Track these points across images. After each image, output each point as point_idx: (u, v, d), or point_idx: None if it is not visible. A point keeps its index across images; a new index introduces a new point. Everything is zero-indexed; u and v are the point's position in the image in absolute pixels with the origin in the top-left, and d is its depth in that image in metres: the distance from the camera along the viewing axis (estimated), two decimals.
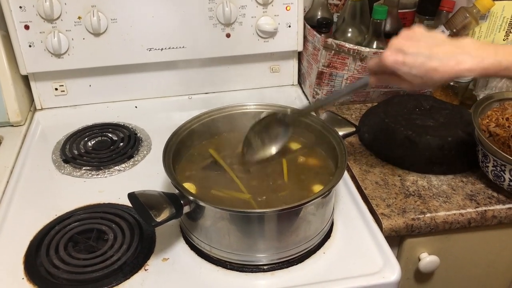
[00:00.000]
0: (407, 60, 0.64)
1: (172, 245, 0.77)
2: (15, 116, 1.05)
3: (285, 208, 0.68)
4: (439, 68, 0.62)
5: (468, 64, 0.62)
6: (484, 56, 0.62)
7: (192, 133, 0.85)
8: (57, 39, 1.01)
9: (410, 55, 0.63)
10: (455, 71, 0.62)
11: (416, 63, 0.63)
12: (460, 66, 0.62)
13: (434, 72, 0.63)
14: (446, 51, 0.63)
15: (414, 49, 0.63)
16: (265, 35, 1.11)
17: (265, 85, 1.21)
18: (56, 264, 0.72)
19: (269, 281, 0.72)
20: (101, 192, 0.88)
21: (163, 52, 1.09)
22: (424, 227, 0.82)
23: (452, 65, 0.62)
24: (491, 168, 0.84)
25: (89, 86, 1.13)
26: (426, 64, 0.63)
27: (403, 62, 0.64)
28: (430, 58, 0.62)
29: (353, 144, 1.00)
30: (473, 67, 0.62)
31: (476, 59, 0.62)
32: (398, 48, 0.64)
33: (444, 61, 0.62)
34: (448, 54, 0.62)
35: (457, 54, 0.62)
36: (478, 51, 0.62)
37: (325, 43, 1.03)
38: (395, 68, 0.65)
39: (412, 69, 0.64)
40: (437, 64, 0.62)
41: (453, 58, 0.62)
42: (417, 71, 0.63)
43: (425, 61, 0.62)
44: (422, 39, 0.64)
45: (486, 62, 0.62)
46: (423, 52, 0.63)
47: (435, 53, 0.62)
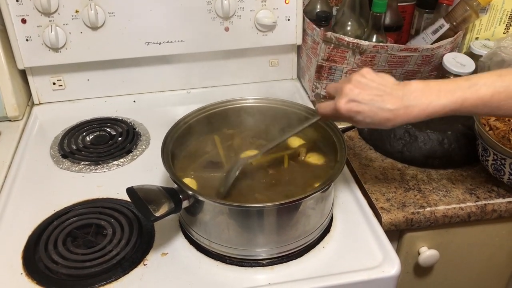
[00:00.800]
0: (362, 110, 0.66)
1: (171, 240, 0.77)
2: (13, 111, 1.04)
3: (285, 203, 0.68)
4: (390, 118, 0.66)
5: (415, 113, 0.65)
6: (429, 102, 0.65)
7: (190, 128, 0.84)
8: (55, 33, 1.01)
9: (363, 105, 0.66)
10: (404, 120, 0.66)
11: (370, 113, 0.66)
12: (409, 114, 0.65)
13: (386, 122, 0.66)
14: (395, 101, 0.65)
15: (367, 99, 0.66)
16: (264, 29, 1.11)
17: (264, 79, 1.21)
18: (55, 259, 0.72)
19: (269, 275, 0.71)
20: (99, 187, 0.88)
21: (161, 46, 1.08)
22: (423, 221, 0.82)
23: (401, 114, 0.65)
24: (491, 162, 0.84)
25: (87, 80, 1.12)
26: (379, 114, 0.66)
27: (357, 111, 0.67)
28: (382, 109, 0.65)
29: (352, 138, 1.00)
30: (419, 115, 0.65)
31: (422, 105, 0.65)
32: (352, 98, 0.67)
33: (395, 111, 0.65)
34: (398, 103, 0.65)
35: (405, 103, 0.65)
36: (423, 98, 0.65)
37: (324, 36, 1.02)
38: (350, 116, 0.68)
39: (366, 118, 0.67)
40: (389, 115, 0.65)
41: (403, 108, 0.65)
42: (370, 120, 0.67)
43: (378, 111, 0.66)
44: (374, 86, 0.67)
45: (431, 107, 0.65)
46: (375, 101, 0.66)
47: (386, 103, 0.65)
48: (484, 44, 1.14)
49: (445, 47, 1.05)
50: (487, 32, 1.17)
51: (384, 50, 1.01)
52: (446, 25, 1.08)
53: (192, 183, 0.76)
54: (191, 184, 0.76)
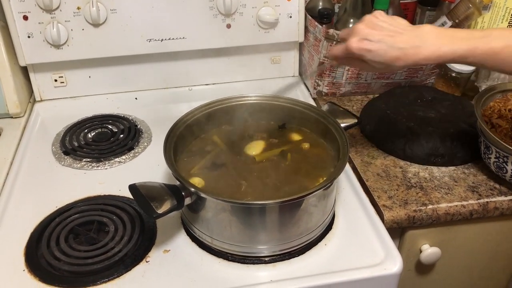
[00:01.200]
0: (372, 48, 0.67)
1: (173, 237, 0.77)
2: (15, 108, 1.04)
3: (287, 200, 0.68)
4: (400, 57, 0.66)
5: (425, 53, 0.66)
6: (440, 44, 0.65)
7: (192, 125, 0.84)
8: (56, 29, 1.01)
9: (374, 43, 0.67)
10: (414, 59, 0.66)
11: (380, 51, 0.67)
12: (418, 55, 0.66)
13: (396, 60, 0.67)
14: (407, 40, 0.66)
15: (378, 37, 0.67)
16: (266, 26, 1.10)
17: (266, 76, 1.20)
18: (57, 256, 0.72)
19: (271, 272, 0.71)
20: (101, 184, 0.88)
21: (163, 43, 1.08)
22: (425, 219, 0.82)
23: (411, 54, 0.66)
24: (493, 160, 0.84)
25: (88, 77, 1.12)
26: (389, 53, 0.67)
27: (368, 49, 0.68)
28: (393, 47, 0.66)
29: (354, 136, 1.00)
30: (429, 56, 0.66)
31: (433, 47, 0.65)
32: (363, 36, 0.68)
33: (405, 50, 0.66)
34: (409, 43, 0.66)
35: (416, 43, 0.66)
36: (435, 40, 0.66)
37: (326, 33, 1.02)
38: (361, 54, 0.69)
39: (376, 56, 0.68)
40: (399, 53, 0.66)
41: (413, 48, 0.66)
42: (381, 59, 0.68)
43: (388, 49, 0.67)
44: (385, 27, 0.68)
45: (441, 50, 0.65)
46: (387, 40, 0.67)
47: (397, 42, 0.66)
48: None
49: None
50: None
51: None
52: (448, 22, 1.07)
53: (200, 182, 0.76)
54: (198, 183, 0.76)
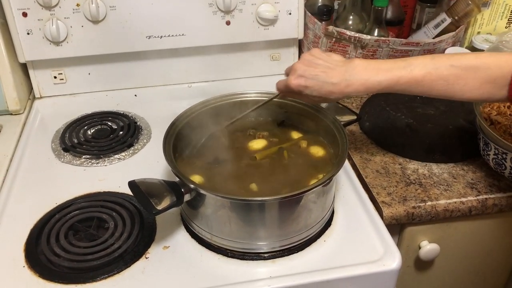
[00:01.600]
0: (308, 84, 0.74)
1: (173, 233, 0.77)
2: (14, 105, 1.04)
3: (286, 196, 0.68)
4: (333, 91, 0.72)
5: (355, 86, 0.71)
6: (367, 78, 0.71)
7: (192, 122, 0.84)
8: (56, 26, 1.00)
9: (310, 80, 0.73)
10: (346, 92, 0.72)
11: (316, 86, 0.73)
12: (349, 88, 0.72)
13: (330, 94, 0.73)
14: (338, 75, 0.72)
15: (313, 74, 0.73)
16: (265, 23, 1.10)
17: (266, 73, 1.20)
18: (57, 252, 0.72)
19: (270, 268, 0.72)
20: (101, 181, 0.88)
21: (162, 40, 1.08)
22: (424, 215, 0.82)
23: (343, 87, 0.72)
24: (492, 156, 0.84)
25: (88, 74, 1.12)
26: (323, 88, 0.73)
27: (305, 85, 0.74)
28: (326, 82, 0.72)
29: (354, 133, 1.00)
30: (358, 88, 0.72)
31: (360, 80, 0.71)
32: (300, 74, 0.74)
33: (337, 85, 0.72)
34: (340, 77, 0.72)
35: (346, 77, 0.72)
36: (362, 73, 0.71)
37: (326, 30, 1.02)
38: (299, 90, 0.75)
39: (312, 91, 0.74)
40: (331, 88, 0.72)
41: (343, 82, 0.72)
42: (316, 93, 0.74)
43: (322, 85, 0.73)
44: (320, 63, 0.74)
45: (368, 82, 0.71)
46: (320, 76, 0.73)
47: (330, 77, 0.72)
48: (486, 39, 1.14)
49: (447, 41, 1.05)
50: (489, 26, 1.17)
51: (386, 44, 1.01)
52: (448, 19, 1.08)
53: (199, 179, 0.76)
54: (198, 180, 0.76)
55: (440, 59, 0.70)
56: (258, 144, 0.85)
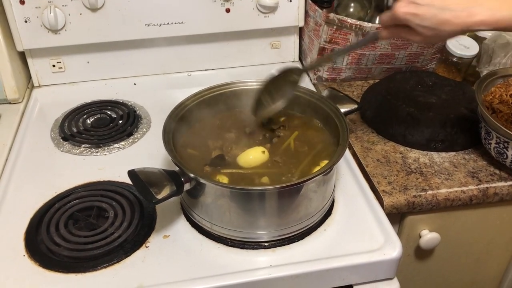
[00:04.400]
0: (419, 11, 0.63)
1: (173, 222, 0.77)
2: (13, 93, 1.04)
3: (286, 185, 0.68)
4: (451, 20, 0.62)
5: (480, 16, 0.61)
6: (498, 9, 0.60)
7: (192, 110, 0.84)
8: (54, 14, 0.99)
9: (422, 6, 0.63)
10: (467, 23, 0.61)
11: (428, 14, 0.63)
12: (472, 18, 0.61)
13: (446, 24, 0.62)
14: (459, 2, 0.61)
15: (427, 0, 0.63)
16: (265, 10, 1.09)
17: (266, 61, 1.19)
18: (57, 242, 0.72)
19: (270, 257, 0.72)
20: (100, 170, 0.87)
21: (161, 27, 1.07)
22: (425, 204, 0.82)
23: (464, 16, 0.61)
24: (494, 145, 0.83)
25: (87, 62, 1.11)
26: (438, 16, 0.62)
27: (415, 13, 0.63)
28: (443, 9, 0.62)
29: (354, 121, 0.99)
30: (485, 19, 0.61)
31: (489, 11, 0.60)
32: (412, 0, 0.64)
33: (456, 12, 0.61)
34: (461, 5, 0.61)
35: (470, 6, 0.61)
36: (492, 3, 0.61)
37: (327, 18, 1.01)
38: (407, 19, 0.65)
39: (424, 20, 0.63)
40: (449, 16, 0.61)
41: (466, 10, 0.61)
42: (429, 23, 0.63)
43: (437, 12, 0.62)
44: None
45: (499, 14, 0.60)
46: (436, 3, 0.62)
47: (448, 4, 0.62)
48: None
49: None
50: None
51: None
52: None
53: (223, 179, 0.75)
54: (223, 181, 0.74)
55: None
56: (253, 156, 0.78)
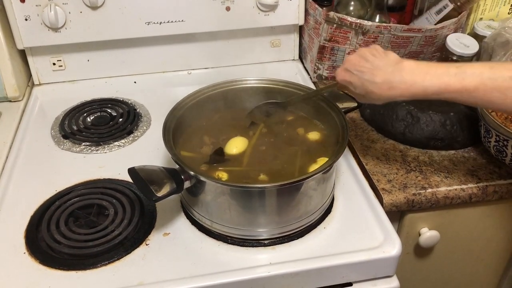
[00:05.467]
0: (352, 80, 0.71)
1: (173, 220, 0.77)
2: (13, 91, 1.04)
3: (286, 183, 0.68)
4: (375, 91, 0.68)
5: (398, 91, 0.67)
6: (412, 82, 0.66)
7: (192, 108, 0.84)
8: (54, 12, 0.99)
9: (354, 76, 0.70)
10: (388, 95, 0.68)
11: (358, 83, 0.70)
12: (391, 91, 0.67)
13: (371, 94, 0.69)
14: (383, 75, 0.67)
15: (359, 70, 0.70)
16: (265, 8, 1.09)
17: (266, 60, 1.20)
18: (57, 239, 0.72)
19: (270, 255, 0.72)
20: (101, 168, 0.88)
21: (161, 26, 1.07)
22: (425, 203, 0.82)
23: (385, 89, 0.67)
24: (493, 144, 0.83)
25: (87, 61, 1.11)
26: (365, 86, 0.69)
27: (349, 81, 0.71)
28: (369, 81, 0.68)
29: (354, 120, 1.00)
30: (402, 93, 0.67)
31: (404, 85, 0.66)
32: (347, 68, 0.72)
33: (379, 85, 0.67)
34: (383, 78, 0.67)
35: (391, 79, 0.67)
36: (408, 77, 0.66)
37: (327, 16, 1.01)
38: (344, 85, 0.73)
39: (355, 88, 0.71)
40: (373, 88, 0.68)
41: (386, 84, 0.67)
42: (359, 90, 0.71)
43: (365, 83, 0.69)
44: (371, 60, 0.69)
45: (413, 88, 0.66)
46: (365, 74, 0.69)
47: (374, 77, 0.68)
48: (488, 25, 1.13)
49: (449, 27, 1.04)
50: (491, 12, 1.16)
51: (387, 31, 1.00)
52: (450, 5, 1.06)
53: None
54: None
55: (500, 69, 0.62)
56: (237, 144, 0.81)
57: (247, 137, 0.82)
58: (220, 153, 0.78)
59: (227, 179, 0.74)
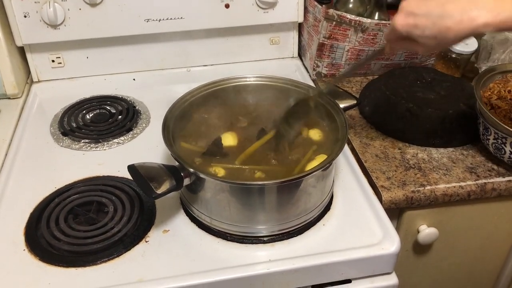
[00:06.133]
0: (419, 22, 0.62)
1: (173, 217, 0.77)
2: (12, 89, 1.04)
3: (286, 180, 0.68)
4: (452, 26, 0.60)
5: (482, 19, 0.58)
6: (500, 10, 0.58)
7: (191, 106, 0.84)
8: (53, 9, 0.99)
9: (421, 17, 0.61)
10: (470, 27, 0.59)
11: (428, 23, 0.61)
12: (474, 22, 0.59)
13: (448, 31, 0.60)
14: (459, 7, 0.59)
15: (425, 9, 0.61)
16: (264, 6, 1.09)
17: (265, 57, 1.20)
18: (57, 236, 0.73)
19: (269, 252, 0.72)
20: (100, 165, 0.88)
21: (160, 23, 1.07)
22: (423, 200, 0.82)
23: (466, 21, 0.59)
24: (492, 141, 0.84)
25: (86, 58, 1.11)
26: (438, 24, 0.60)
27: (414, 24, 0.62)
28: (442, 16, 0.60)
29: (353, 117, 1.00)
30: (488, 22, 0.58)
31: (491, 13, 0.58)
32: (409, 11, 0.63)
33: (457, 18, 0.59)
34: (461, 10, 0.59)
35: (470, 10, 0.59)
36: (493, 4, 0.58)
37: (326, 14, 1.01)
38: (407, 31, 0.63)
39: (424, 30, 0.62)
40: (450, 23, 0.59)
41: (467, 14, 0.59)
42: (430, 32, 0.61)
43: (437, 20, 0.60)
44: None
45: (502, 16, 0.58)
46: (435, 11, 0.60)
47: (447, 11, 0.60)
48: None
49: None
50: None
51: (386, 28, 1.00)
52: None
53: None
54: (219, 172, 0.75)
55: None
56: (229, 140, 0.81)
57: (245, 135, 0.82)
58: (218, 144, 0.78)
59: (224, 175, 0.74)
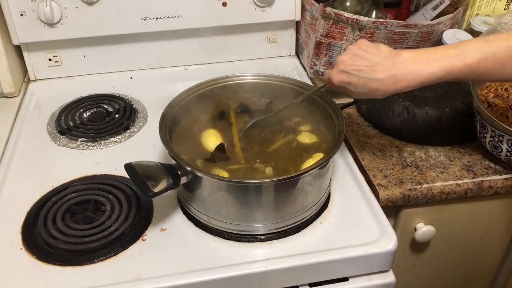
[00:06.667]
0: (352, 81, 0.69)
1: (170, 216, 0.77)
2: (9, 87, 1.03)
3: (283, 179, 0.68)
4: (380, 88, 0.67)
5: (405, 83, 0.66)
6: (418, 71, 0.65)
7: (188, 104, 0.84)
8: (50, 7, 0.99)
9: (353, 76, 0.69)
10: (394, 89, 0.67)
11: (360, 83, 0.68)
12: (398, 84, 0.66)
13: (377, 91, 0.68)
14: (385, 70, 0.66)
15: (356, 69, 0.68)
16: (262, 4, 1.09)
17: (262, 55, 1.19)
18: (54, 235, 0.72)
19: (266, 250, 0.72)
20: (97, 164, 0.88)
21: (158, 21, 1.07)
22: (420, 198, 0.83)
23: (391, 84, 0.66)
24: (489, 139, 0.84)
25: (83, 56, 1.11)
26: (368, 84, 0.68)
27: (348, 82, 0.69)
28: (371, 79, 0.67)
29: (350, 115, 1.00)
30: (409, 84, 0.66)
31: (411, 75, 0.65)
32: (343, 68, 0.69)
33: (384, 81, 0.66)
34: (387, 73, 0.66)
35: (394, 73, 0.66)
36: (412, 67, 0.65)
37: (323, 12, 1.01)
38: (342, 87, 0.71)
39: (357, 88, 0.69)
40: (378, 85, 0.67)
41: (392, 78, 0.66)
42: (362, 90, 0.69)
43: (367, 81, 0.68)
44: (365, 57, 0.68)
45: (420, 76, 0.65)
46: (365, 72, 0.67)
47: (375, 74, 0.67)
48: (485, 21, 1.13)
49: (445, 23, 1.04)
50: (487, 8, 1.16)
51: (384, 27, 1.00)
52: (446, 1, 1.06)
53: None
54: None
55: (495, 41, 0.63)
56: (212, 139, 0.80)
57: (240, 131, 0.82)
58: (221, 149, 0.78)
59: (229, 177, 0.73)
